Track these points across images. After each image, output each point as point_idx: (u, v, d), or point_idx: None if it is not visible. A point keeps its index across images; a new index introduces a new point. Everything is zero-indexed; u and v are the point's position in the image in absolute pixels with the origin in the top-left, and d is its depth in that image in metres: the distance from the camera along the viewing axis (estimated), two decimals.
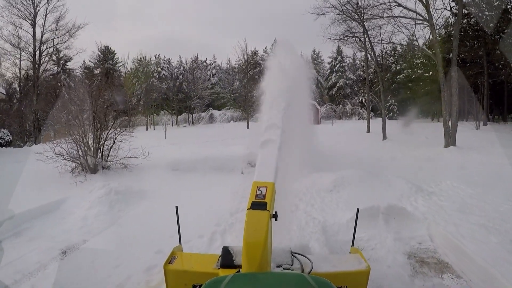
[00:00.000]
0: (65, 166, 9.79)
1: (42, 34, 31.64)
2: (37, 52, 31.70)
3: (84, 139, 9.37)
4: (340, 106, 52.68)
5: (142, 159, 9.77)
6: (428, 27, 15.93)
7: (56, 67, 39.92)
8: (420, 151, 13.63)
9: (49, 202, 6.97)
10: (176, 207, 3.32)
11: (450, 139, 14.96)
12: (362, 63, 52.72)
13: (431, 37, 15.45)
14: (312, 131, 12.93)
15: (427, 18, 15.05)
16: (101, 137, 9.74)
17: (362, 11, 18.12)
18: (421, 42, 17.78)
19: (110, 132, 9.91)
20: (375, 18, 16.67)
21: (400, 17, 15.60)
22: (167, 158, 10.21)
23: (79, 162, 9.54)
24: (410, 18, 15.55)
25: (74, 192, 7.65)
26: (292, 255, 2.92)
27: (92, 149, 9.58)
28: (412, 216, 5.28)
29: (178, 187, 7.55)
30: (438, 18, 22.58)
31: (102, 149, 9.90)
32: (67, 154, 9.58)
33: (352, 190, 6.52)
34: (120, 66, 52.54)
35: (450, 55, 15.27)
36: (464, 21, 29.87)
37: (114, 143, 10.02)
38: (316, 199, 6.42)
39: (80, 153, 9.49)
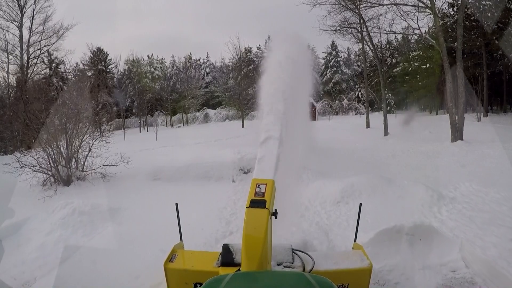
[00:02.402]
0: (36, 178, 8.73)
1: (30, 37, 30.42)
2: (25, 55, 30.48)
3: (54, 147, 8.27)
4: (337, 101, 51.74)
5: (122, 167, 8.61)
6: (430, 16, 15.03)
7: (48, 70, 38.60)
8: (427, 148, 12.67)
9: (8, 224, 5.89)
10: (176, 204, 3.30)
11: (457, 133, 14.07)
12: (358, 57, 52.00)
13: (433, 25, 14.48)
14: (311, 129, 12.05)
15: (429, 5, 14.08)
16: (74, 143, 8.62)
17: (359, 1, 17.07)
18: (421, 33, 16.65)
19: (84, 138, 8.79)
20: (374, 6, 15.64)
21: (401, 4, 14.57)
22: (150, 165, 9.00)
23: (51, 174, 8.47)
24: (411, 5, 14.54)
25: (39, 210, 6.54)
26: (293, 252, 2.88)
27: (64, 157, 8.48)
28: (440, 235, 4.27)
29: (155, 203, 6.33)
30: (442, 5, 21.56)
31: (77, 157, 8.80)
32: (37, 164, 8.53)
33: (364, 201, 5.39)
34: (112, 67, 51.26)
35: (455, 43, 14.28)
36: None
37: (90, 150, 8.92)
38: (321, 214, 5.34)
39: (51, 163, 8.41)
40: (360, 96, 50.84)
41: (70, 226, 5.27)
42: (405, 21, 14.96)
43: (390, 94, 43.16)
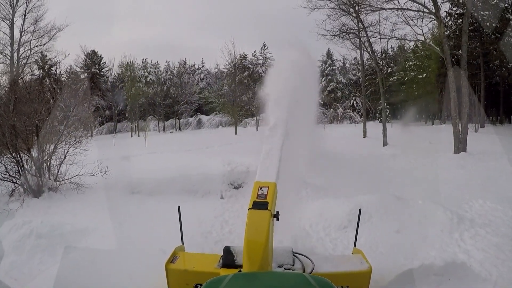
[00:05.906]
0: (5, 187, 7.83)
1: (21, 36, 29.52)
2: (15, 55, 29.56)
3: (17, 152, 7.42)
4: (331, 110, 51.40)
5: (100, 177, 7.72)
6: (432, 22, 14.56)
7: (41, 71, 37.66)
8: (430, 160, 11.97)
9: None
10: (179, 207, 3.39)
11: (460, 145, 13.47)
12: (353, 66, 51.89)
13: (437, 32, 13.98)
14: (318, 135, 11.43)
15: (434, 11, 13.53)
16: (46, 149, 7.74)
17: (358, 6, 16.51)
18: (425, 39, 16.11)
19: (58, 144, 7.91)
20: (378, 10, 15.02)
21: (404, 9, 14.01)
22: (131, 176, 8.11)
23: (20, 183, 7.58)
24: (414, 10, 13.97)
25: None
26: (294, 255, 2.90)
27: (35, 164, 7.60)
28: (471, 273, 3.50)
29: (129, 222, 5.37)
30: (447, 15, 21.20)
31: (49, 165, 7.91)
32: (6, 171, 7.67)
33: (376, 226, 4.65)
34: (106, 71, 50.41)
35: (459, 51, 13.77)
36: (459, 21, 29.01)
37: (65, 157, 8.04)
38: (326, 243, 4.50)
39: (20, 171, 7.52)
40: (355, 105, 50.69)
41: (26, 251, 4.38)
42: (409, 25, 14.37)
43: (385, 104, 42.82)
